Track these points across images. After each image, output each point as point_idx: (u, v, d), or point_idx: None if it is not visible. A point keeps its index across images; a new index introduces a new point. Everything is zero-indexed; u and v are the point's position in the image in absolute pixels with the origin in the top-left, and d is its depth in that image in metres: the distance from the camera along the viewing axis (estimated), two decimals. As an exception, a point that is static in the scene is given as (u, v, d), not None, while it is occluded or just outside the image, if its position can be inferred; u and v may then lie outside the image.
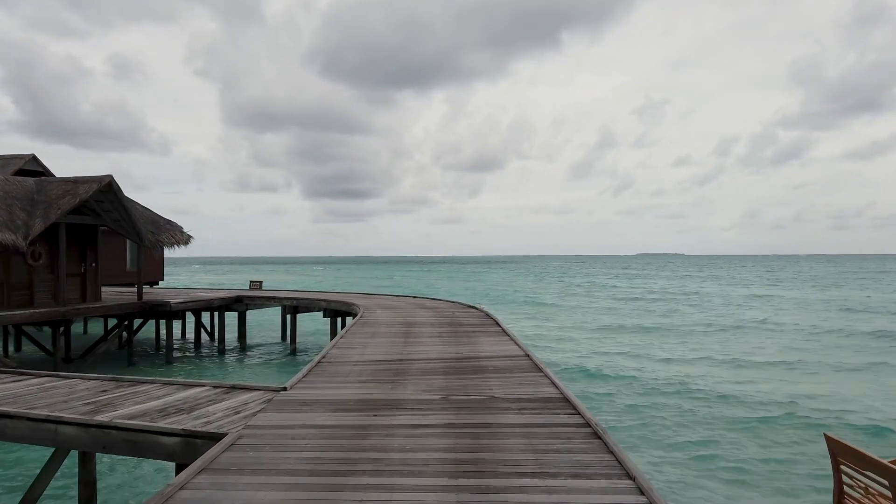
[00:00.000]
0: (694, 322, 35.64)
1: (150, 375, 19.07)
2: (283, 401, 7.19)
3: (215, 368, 20.02)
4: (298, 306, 22.86)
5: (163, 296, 23.33)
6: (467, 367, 9.33)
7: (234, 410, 6.73)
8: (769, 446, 12.15)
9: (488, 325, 14.53)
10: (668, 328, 32.96)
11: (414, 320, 15.70)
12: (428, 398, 7.34)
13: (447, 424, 6.19)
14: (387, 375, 8.74)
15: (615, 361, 22.11)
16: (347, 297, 23.68)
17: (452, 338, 12.52)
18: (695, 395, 16.56)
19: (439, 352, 10.74)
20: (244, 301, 23.81)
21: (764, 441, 12.48)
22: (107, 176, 17.85)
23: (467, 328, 14.06)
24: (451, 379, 8.44)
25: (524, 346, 10.99)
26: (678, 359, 22.84)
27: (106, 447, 6.16)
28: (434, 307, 19.54)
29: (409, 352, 10.81)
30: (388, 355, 10.45)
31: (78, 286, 20.67)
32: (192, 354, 23.18)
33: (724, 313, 40.41)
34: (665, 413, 14.64)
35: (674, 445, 12.17)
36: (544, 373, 8.66)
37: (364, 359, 10.13)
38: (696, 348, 25.52)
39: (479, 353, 10.51)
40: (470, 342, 11.89)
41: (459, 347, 11.25)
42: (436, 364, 9.58)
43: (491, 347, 11.18)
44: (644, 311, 42.98)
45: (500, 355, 10.28)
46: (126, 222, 19.16)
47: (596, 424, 6.03)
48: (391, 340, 12.17)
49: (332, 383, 8.21)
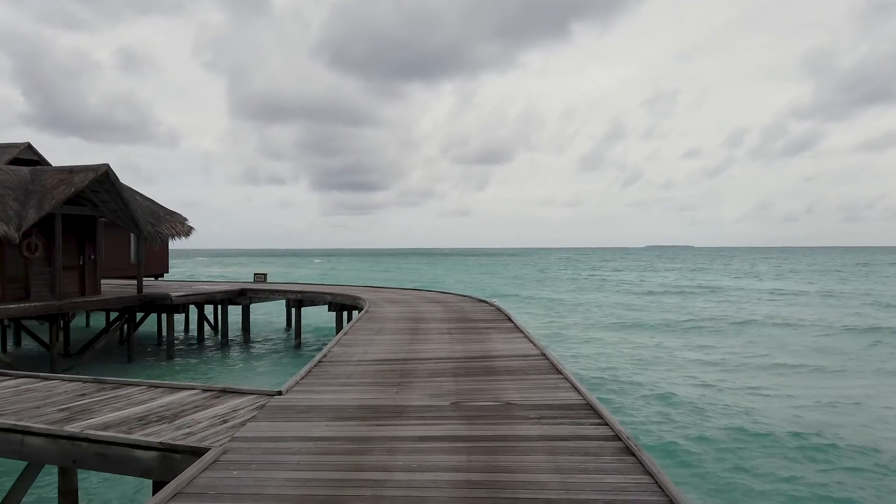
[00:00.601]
0: (723, 318, 33.27)
1: (150, 370, 18.65)
2: (276, 407, 6.51)
3: (217, 364, 19.44)
4: (303, 300, 22.23)
5: (165, 289, 22.75)
6: (479, 367, 8.62)
7: (221, 419, 6.05)
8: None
9: (500, 321, 13.82)
10: (703, 327, 30.32)
11: (421, 315, 15.01)
12: (436, 404, 6.64)
13: (458, 437, 5.48)
14: (392, 377, 8.05)
15: (647, 364, 20.03)
16: (353, 290, 23.03)
17: (462, 334, 11.81)
18: (752, 413, 13.84)
19: (448, 350, 10.04)
20: (248, 294, 23.21)
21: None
22: (103, 165, 17.23)
23: (478, 324, 13.36)
24: (461, 381, 7.74)
25: (540, 344, 10.27)
26: (714, 361, 20.74)
27: (76, 461, 5.50)
28: (442, 301, 18.84)
29: (416, 350, 10.11)
30: (394, 354, 9.76)
31: (76, 279, 20.10)
32: (195, 349, 22.62)
33: (754, 310, 37.68)
34: (711, 428, 12.54)
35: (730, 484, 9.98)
36: (563, 375, 7.94)
37: (368, 358, 9.45)
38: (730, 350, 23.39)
39: (491, 352, 9.80)
40: (481, 339, 11.18)
41: (470, 345, 10.54)
42: (445, 364, 8.88)
43: (504, 346, 10.46)
44: (674, 308, 39.81)
45: (513, 354, 9.56)
46: (124, 213, 18.55)
47: (627, 438, 5.31)
48: (397, 337, 11.49)
49: (332, 386, 7.53)
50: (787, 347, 23.90)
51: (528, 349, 10.05)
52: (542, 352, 9.63)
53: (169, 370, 18.33)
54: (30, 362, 19.35)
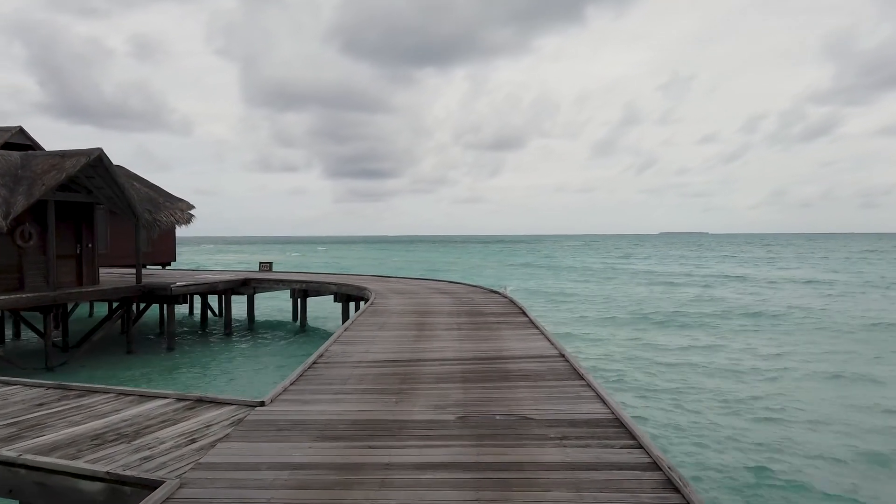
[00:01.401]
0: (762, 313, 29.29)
1: (148, 363, 17.90)
2: (256, 422, 5.64)
3: (217, 356, 18.68)
4: (308, 290, 21.43)
5: (166, 278, 22.01)
6: (490, 371, 7.71)
7: (189, 437, 5.19)
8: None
9: (513, 315, 12.89)
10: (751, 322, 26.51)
11: (429, 308, 14.11)
12: (441, 418, 5.74)
13: (465, 465, 4.58)
14: (392, 383, 7.15)
15: (679, 367, 17.29)
16: (360, 280, 22.18)
17: (472, 330, 10.90)
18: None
19: (457, 349, 9.13)
20: (251, 284, 22.44)
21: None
22: (96, 149, 16.41)
23: (489, 318, 12.44)
24: (470, 389, 6.83)
25: (558, 343, 9.33)
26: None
27: (13, 491, 4.66)
28: (452, 292, 17.93)
29: (421, 349, 9.21)
30: (397, 354, 8.87)
31: (73, 268, 19.38)
32: (197, 340, 21.91)
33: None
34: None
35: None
36: (586, 381, 7.01)
37: (368, 358, 8.56)
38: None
39: (504, 352, 8.88)
40: (493, 336, 10.26)
41: (480, 343, 9.63)
42: (452, 366, 7.97)
43: (518, 344, 9.53)
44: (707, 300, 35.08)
45: (529, 355, 8.64)
46: (120, 200, 17.76)
47: (669, 468, 4.37)
48: (402, 334, 10.59)
49: (324, 395, 6.64)
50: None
51: (545, 348, 9.12)
52: (560, 352, 8.69)
53: (167, 362, 17.60)
54: (26, 356, 18.72)
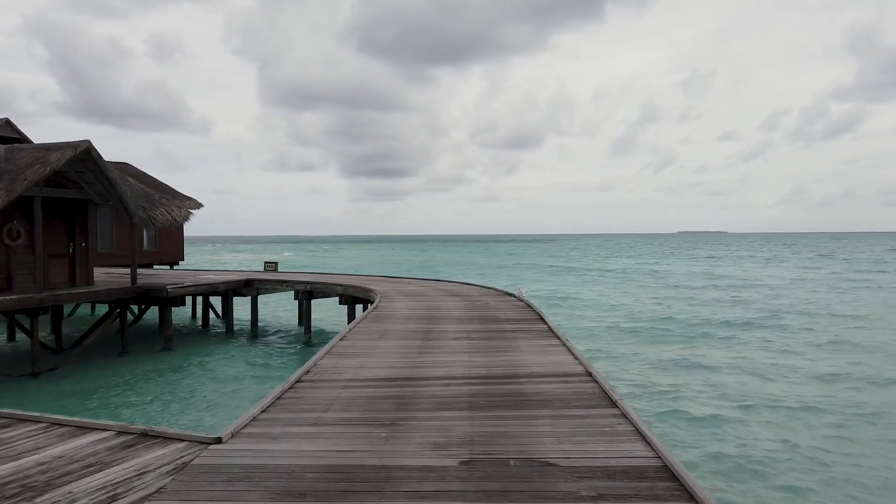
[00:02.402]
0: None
1: (141, 365, 16.84)
2: (203, 467, 4.43)
3: (215, 362, 17.58)
4: (313, 291, 20.27)
5: (164, 279, 20.99)
6: (504, 394, 6.45)
7: (110, 493, 3.99)
8: None
9: (530, 321, 11.60)
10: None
11: (438, 313, 12.86)
12: (440, 463, 4.50)
13: (467, 546, 3.33)
14: (384, 409, 5.93)
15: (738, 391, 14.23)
16: (367, 281, 21.00)
17: (484, 340, 9.64)
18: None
19: (465, 364, 7.88)
20: (254, 285, 21.33)
21: None
22: (84, 141, 15.37)
23: (504, 325, 11.17)
24: (478, 419, 5.58)
25: (583, 358, 8.04)
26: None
27: None
28: (463, 294, 16.67)
29: (424, 364, 7.97)
30: (395, 370, 7.64)
31: (66, 268, 18.39)
32: (196, 343, 20.86)
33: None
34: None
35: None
36: (622, 410, 5.72)
37: (360, 375, 7.34)
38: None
39: (520, 368, 7.61)
40: (507, 347, 9.00)
41: (493, 356, 8.37)
42: (459, 387, 6.73)
43: (536, 357, 8.26)
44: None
45: (550, 372, 7.36)
46: (112, 196, 16.72)
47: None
48: (404, 344, 9.35)
49: (299, 426, 5.43)
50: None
51: (569, 364, 7.84)
52: (586, 369, 7.41)
53: (160, 366, 16.53)
54: (16, 359, 17.80)
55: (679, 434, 11.10)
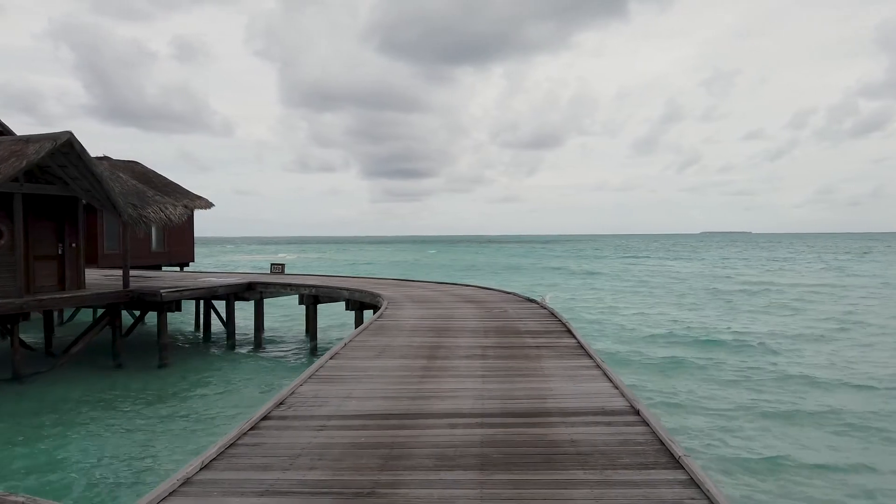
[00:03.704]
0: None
1: (134, 382, 15.43)
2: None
3: (215, 376, 16.13)
4: (318, 295, 18.84)
5: (162, 282, 19.71)
6: (527, 442, 4.87)
7: None
8: None
9: (556, 335, 9.99)
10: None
11: (450, 323, 11.30)
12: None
13: None
14: (366, 467, 4.39)
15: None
16: (377, 284, 19.50)
17: (502, 359, 8.06)
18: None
19: (477, 395, 6.30)
20: (257, 289, 19.96)
21: None
22: (65, 132, 14.08)
23: (525, 339, 9.57)
24: (491, 487, 4.02)
25: (624, 387, 6.43)
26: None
27: None
28: (480, 301, 15.09)
29: (426, 392, 6.42)
30: (390, 400, 6.10)
31: (54, 271, 17.15)
32: (197, 353, 19.53)
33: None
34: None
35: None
36: (691, 475, 4.12)
37: (345, 409, 5.82)
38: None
39: (547, 400, 6.03)
40: (530, 370, 7.41)
41: (513, 383, 6.79)
42: (468, 429, 5.16)
43: (567, 385, 6.67)
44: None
45: (586, 408, 5.76)
46: (97, 192, 15.43)
47: None
48: (406, 365, 7.81)
49: (244, 496, 3.91)
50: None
51: (608, 395, 6.23)
52: (632, 405, 5.80)
53: (155, 382, 15.15)
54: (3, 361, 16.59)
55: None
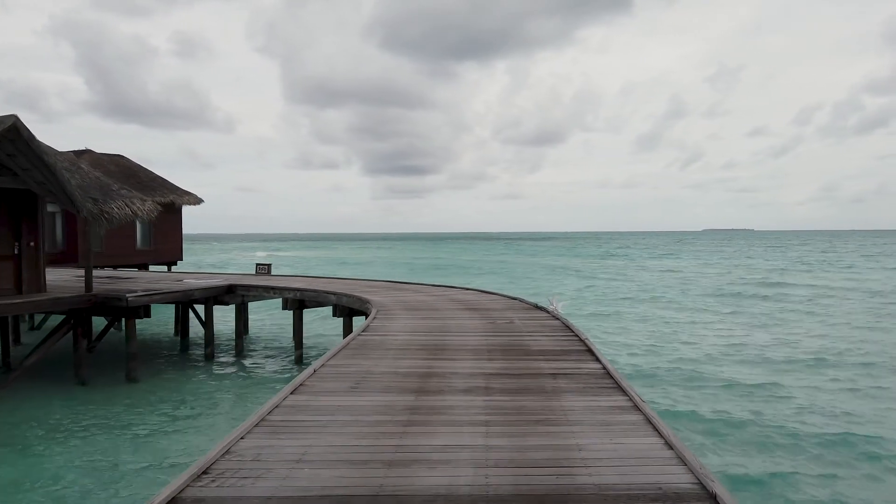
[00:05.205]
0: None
1: (99, 401, 13.54)
2: None
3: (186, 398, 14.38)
4: (304, 300, 17.11)
5: (135, 284, 17.97)
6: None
7: None
8: None
9: (574, 355, 8.23)
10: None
11: (446, 339, 9.53)
12: None
13: None
14: None
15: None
16: (368, 288, 17.73)
17: (511, 396, 6.29)
18: None
19: (479, 462, 4.52)
20: (238, 292, 18.24)
21: None
22: (9, 116, 12.33)
23: (539, 362, 7.81)
24: None
25: (683, 446, 4.66)
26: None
27: None
28: (483, 308, 13.33)
29: (408, 456, 4.65)
30: (356, 472, 4.34)
31: (10, 273, 15.39)
32: (171, 364, 17.80)
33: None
34: None
35: None
36: None
37: (289, 489, 4.06)
38: None
39: (577, 472, 4.26)
40: (548, 413, 5.64)
41: (527, 439, 5.02)
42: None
43: (600, 440, 4.90)
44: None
45: (636, 490, 3.98)
46: (52, 184, 13.69)
47: None
48: (387, 404, 6.04)
49: None
50: None
51: (660, 460, 4.47)
52: (700, 480, 4.03)
53: (121, 403, 13.38)
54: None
55: None
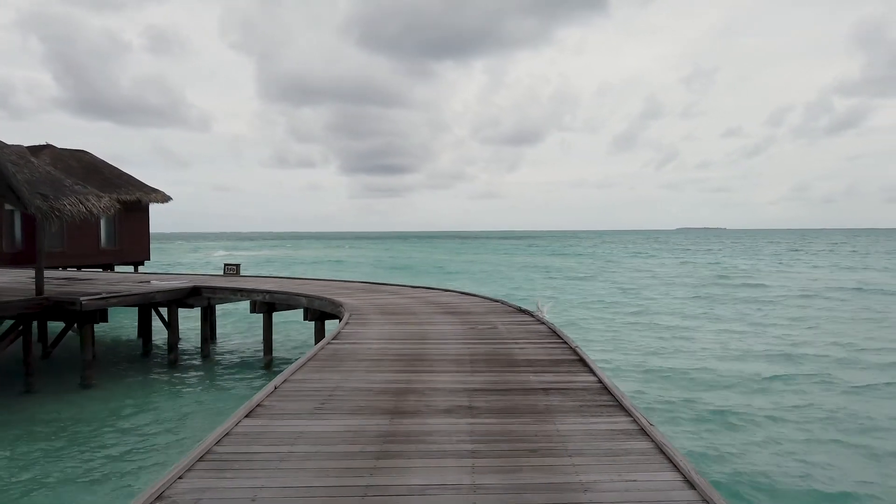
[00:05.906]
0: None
1: (45, 414, 12.40)
2: None
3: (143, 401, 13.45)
4: (274, 302, 16.18)
5: (92, 286, 16.86)
6: None
7: None
8: None
9: (565, 366, 7.49)
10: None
11: (425, 348, 8.73)
12: None
13: None
14: None
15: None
16: (342, 289, 16.84)
17: (498, 417, 5.51)
18: None
19: (465, 505, 3.75)
20: (203, 294, 17.22)
21: None
22: (-57, 105, 11.32)
23: (527, 375, 7.04)
24: None
25: (702, 482, 3.92)
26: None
27: None
28: (464, 311, 12.54)
29: (380, 492, 3.84)
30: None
31: (-48, 276, 14.30)
32: (132, 371, 16.73)
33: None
34: None
35: None
36: None
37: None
38: None
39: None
40: (543, 444, 4.87)
41: (520, 475, 4.24)
42: None
43: (605, 475, 4.14)
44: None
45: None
46: (-5, 180, 12.63)
47: None
48: (357, 429, 5.21)
49: None
50: None
51: (675, 496, 3.73)
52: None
53: (64, 414, 12.37)
54: None
55: None
